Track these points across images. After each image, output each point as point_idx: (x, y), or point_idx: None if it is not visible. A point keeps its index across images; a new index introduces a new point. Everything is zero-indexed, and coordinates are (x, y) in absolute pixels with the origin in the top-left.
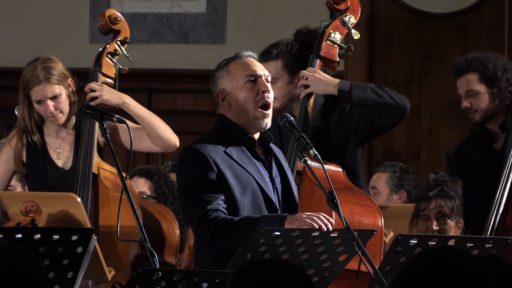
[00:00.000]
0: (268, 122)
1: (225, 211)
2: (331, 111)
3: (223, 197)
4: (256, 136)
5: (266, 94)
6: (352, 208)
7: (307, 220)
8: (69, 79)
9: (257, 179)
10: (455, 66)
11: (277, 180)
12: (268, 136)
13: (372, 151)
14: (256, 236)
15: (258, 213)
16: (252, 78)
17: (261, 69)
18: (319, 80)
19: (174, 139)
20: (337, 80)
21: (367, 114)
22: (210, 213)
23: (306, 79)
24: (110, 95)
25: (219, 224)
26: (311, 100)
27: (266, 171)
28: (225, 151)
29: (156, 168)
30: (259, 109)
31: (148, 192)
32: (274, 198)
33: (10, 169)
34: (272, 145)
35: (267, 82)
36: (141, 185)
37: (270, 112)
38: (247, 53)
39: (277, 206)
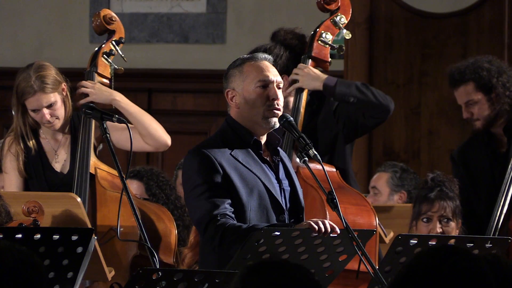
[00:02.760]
0: (276, 121)
1: (233, 215)
2: (318, 111)
3: (229, 201)
4: (263, 139)
5: (276, 102)
6: (346, 208)
7: (312, 223)
8: (63, 84)
9: (263, 180)
10: (449, 78)
11: (285, 182)
12: (276, 139)
13: (372, 151)
14: (256, 236)
15: (265, 214)
16: (264, 84)
17: (274, 75)
18: (307, 74)
19: (165, 137)
20: (325, 76)
21: (351, 113)
22: (218, 218)
23: (297, 74)
24: (100, 94)
25: (227, 230)
26: (304, 96)
27: (272, 173)
28: (231, 154)
29: (148, 169)
30: (268, 110)
31: (139, 194)
32: (281, 199)
33: (19, 175)
34: (279, 148)
35: (278, 88)
36: (131, 187)
37: (279, 112)
38: (263, 56)
39: (284, 208)
